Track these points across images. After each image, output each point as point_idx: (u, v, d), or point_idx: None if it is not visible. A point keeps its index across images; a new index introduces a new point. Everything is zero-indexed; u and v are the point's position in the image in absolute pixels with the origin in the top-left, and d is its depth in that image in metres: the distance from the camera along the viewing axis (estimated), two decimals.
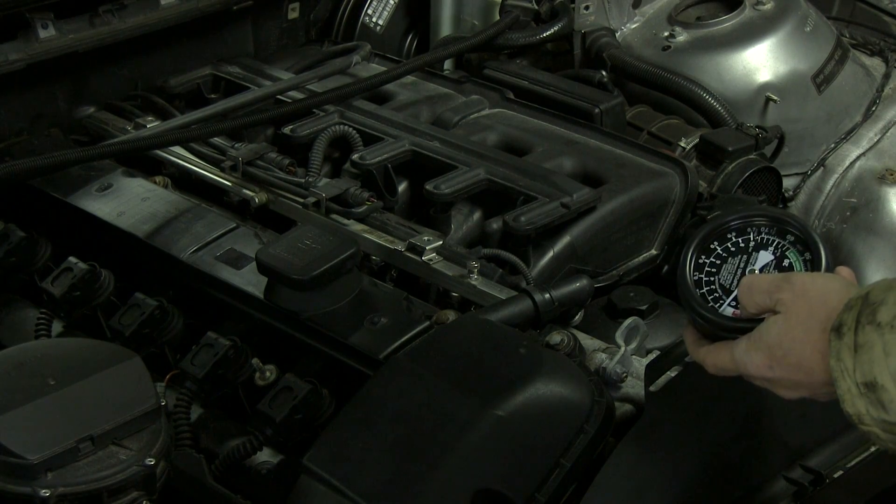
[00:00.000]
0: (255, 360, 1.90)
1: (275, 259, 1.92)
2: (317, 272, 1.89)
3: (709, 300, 1.47)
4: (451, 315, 1.91)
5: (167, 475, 1.59)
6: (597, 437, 1.61)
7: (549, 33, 2.86)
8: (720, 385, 1.56)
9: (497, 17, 2.92)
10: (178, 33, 2.75)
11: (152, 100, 2.66)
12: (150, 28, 2.65)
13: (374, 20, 3.11)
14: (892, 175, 2.81)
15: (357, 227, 2.20)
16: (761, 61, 2.82)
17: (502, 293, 1.99)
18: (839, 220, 2.82)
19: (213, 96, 2.74)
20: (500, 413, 1.58)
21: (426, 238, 2.13)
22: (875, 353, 1.28)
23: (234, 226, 2.17)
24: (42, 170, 2.20)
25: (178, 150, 2.44)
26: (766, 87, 2.81)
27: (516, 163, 2.34)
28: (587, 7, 2.89)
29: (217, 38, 2.87)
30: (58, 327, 2.07)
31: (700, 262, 1.48)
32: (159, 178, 2.37)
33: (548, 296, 1.91)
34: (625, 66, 2.81)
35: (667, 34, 2.87)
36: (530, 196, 2.22)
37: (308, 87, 2.65)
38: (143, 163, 2.43)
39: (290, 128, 2.45)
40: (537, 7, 2.89)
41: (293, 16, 3.04)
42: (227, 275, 2.05)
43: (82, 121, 2.61)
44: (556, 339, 1.83)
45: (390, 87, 2.67)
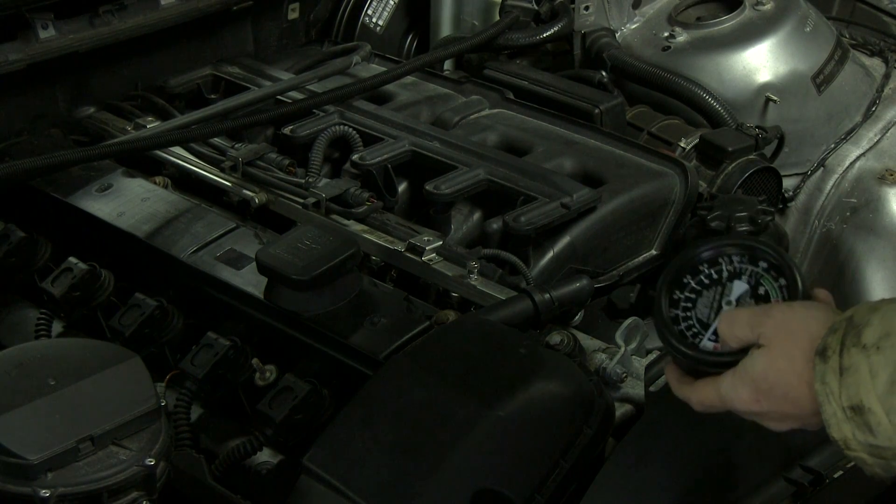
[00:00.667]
0: (255, 360, 1.90)
1: (275, 259, 1.92)
2: (317, 272, 1.89)
3: (687, 336, 1.43)
4: (451, 315, 1.91)
5: (167, 475, 1.59)
6: (597, 437, 1.61)
7: (549, 33, 2.86)
8: None
9: (497, 17, 2.91)
10: (178, 33, 2.75)
11: (152, 100, 2.66)
12: (150, 28, 2.65)
13: (374, 20, 3.11)
14: (892, 175, 2.82)
15: (357, 228, 2.20)
16: (761, 61, 2.82)
17: (502, 293, 1.99)
18: (839, 220, 2.82)
19: (213, 96, 2.74)
20: (500, 413, 1.58)
21: (426, 238, 2.13)
22: (861, 375, 1.26)
23: (234, 226, 2.17)
24: (42, 170, 2.20)
25: (178, 150, 2.44)
26: (766, 88, 2.81)
27: (516, 163, 2.34)
28: (587, 7, 2.89)
29: (217, 38, 2.87)
30: (58, 327, 2.08)
31: (675, 297, 1.44)
32: (159, 179, 2.37)
33: (548, 296, 1.91)
34: (625, 66, 2.81)
35: (667, 34, 2.87)
36: (530, 196, 2.22)
37: (308, 87, 2.65)
38: (143, 163, 2.43)
39: (290, 128, 2.45)
40: (537, 7, 2.89)
41: (293, 16, 3.04)
42: (227, 275, 2.05)
43: (82, 121, 2.61)
44: (556, 339, 1.83)
45: (390, 87, 2.67)
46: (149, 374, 1.65)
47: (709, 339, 1.42)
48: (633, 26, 2.98)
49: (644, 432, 1.66)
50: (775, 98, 2.79)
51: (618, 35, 2.93)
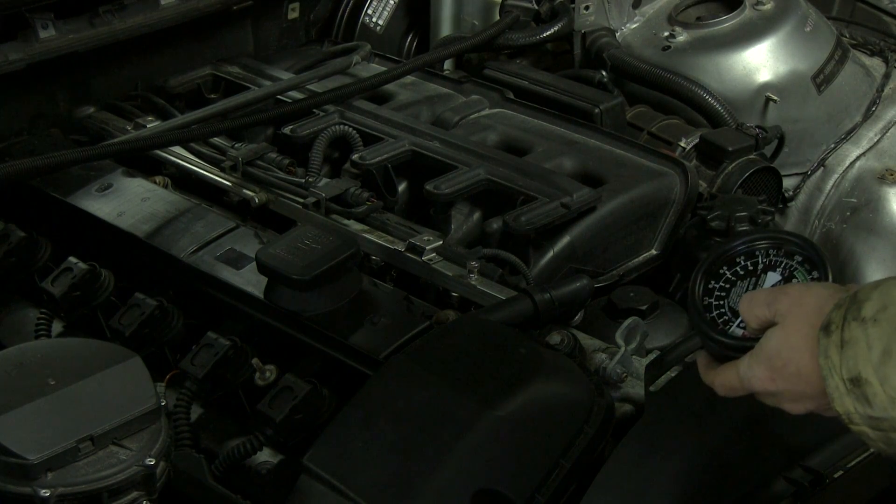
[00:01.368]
0: (255, 360, 1.90)
1: (275, 259, 1.92)
2: (317, 272, 1.89)
3: (718, 323, 1.47)
4: (451, 315, 1.91)
5: (167, 475, 1.60)
6: (597, 437, 1.61)
7: (549, 33, 2.86)
8: None
9: (497, 17, 2.91)
10: (178, 33, 2.75)
11: (152, 100, 2.66)
12: (150, 28, 2.65)
13: (374, 20, 3.11)
14: (892, 175, 2.81)
15: (357, 227, 2.20)
16: (761, 61, 2.82)
17: (502, 293, 1.99)
18: (839, 220, 2.82)
19: (213, 96, 2.74)
20: (500, 413, 1.58)
21: (426, 238, 2.13)
22: (859, 348, 1.28)
23: (234, 226, 2.17)
24: (42, 170, 2.20)
25: (178, 150, 2.44)
26: (766, 87, 2.81)
27: (516, 163, 2.34)
28: (587, 7, 2.89)
29: (217, 38, 2.87)
30: (58, 327, 2.08)
31: (710, 286, 1.49)
32: (159, 178, 2.37)
33: (548, 296, 1.91)
34: (625, 66, 2.81)
35: (667, 34, 2.87)
36: (530, 196, 2.22)
37: (308, 87, 2.65)
38: (143, 163, 2.43)
39: (290, 128, 2.45)
40: (537, 7, 2.89)
41: (293, 16, 3.04)
42: (227, 275, 2.05)
43: (82, 121, 2.61)
44: (556, 339, 1.83)
45: (390, 87, 2.67)
46: (149, 374, 1.65)
47: (738, 326, 1.46)
48: (633, 26, 2.98)
49: (644, 432, 1.66)
50: (775, 98, 2.79)
51: (618, 35, 2.93)
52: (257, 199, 2.29)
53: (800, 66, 2.85)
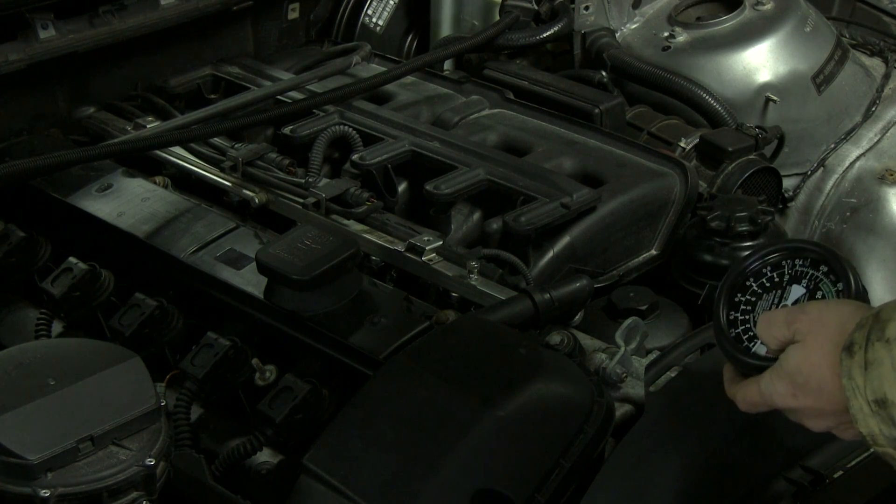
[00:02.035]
0: (255, 360, 1.90)
1: (275, 259, 1.92)
2: (317, 272, 1.89)
3: (743, 339, 1.47)
4: (451, 315, 1.91)
5: (167, 475, 1.60)
6: (597, 437, 1.61)
7: (549, 33, 2.86)
8: (720, 385, 1.56)
9: (497, 17, 2.91)
10: (178, 33, 2.75)
11: (152, 100, 2.66)
12: (150, 28, 2.65)
13: (374, 20, 3.11)
14: (892, 175, 2.81)
15: (357, 228, 2.20)
16: (761, 61, 2.82)
17: (502, 293, 1.99)
18: (839, 220, 2.82)
19: (213, 96, 2.74)
20: (500, 413, 1.58)
21: (426, 238, 2.13)
22: (884, 369, 1.27)
23: (234, 226, 2.17)
24: (42, 170, 2.20)
25: (178, 150, 2.44)
26: (766, 88, 2.81)
27: (516, 163, 2.34)
28: (587, 7, 2.89)
29: (217, 38, 2.87)
30: (58, 327, 2.08)
31: (735, 300, 1.48)
32: (159, 179, 2.37)
33: (548, 296, 1.91)
34: (625, 66, 2.81)
35: (667, 34, 2.87)
36: (530, 196, 2.22)
37: (308, 87, 2.65)
38: (143, 163, 2.43)
39: (290, 128, 2.45)
40: (537, 7, 2.89)
41: (293, 16, 3.04)
42: (227, 275, 2.05)
43: (82, 121, 2.61)
44: (556, 339, 1.83)
45: (390, 87, 2.67)
46: (149, 374, 1.65)
47: (762, 343, 1.44)
48: (633, 26, 2.98)
49: (644, 432, 1.66)
50: (775, 98, 2.79)
51: (618, 35, 2.93)
52: (257, 200, 2.29)
53: (800, 67, 2.85)
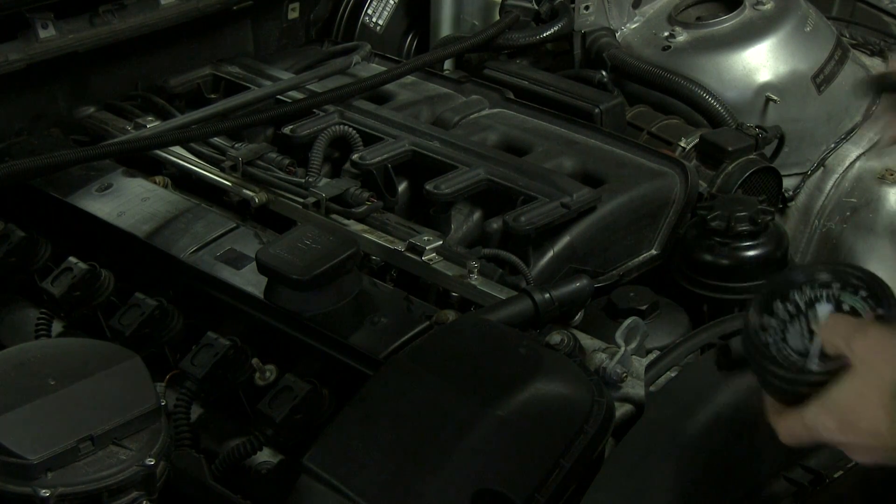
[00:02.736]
0: (255, 360, 1.90)
1: (275, 259, 1.92)
2: (317, 272, 1.89)
3: (770, 348, 1.37)
4: (451, 315, 1.91)
5: (167, 475, 1.60)
6: (597, 437, 1.61)
7: (549, 33, 2.86)
8: (720, 385, 1.56)
9: (497, 17, 2.92)
10: (178, 33, 2.75)
11: (152, 100, 2.66)
12: (150, 28, 2.65)
13: (374, 20, 3.11)
14: (892, 175, 2.81)
15: (357, 227, 2.20)
16: (761, 61, 2.82)
17: (502, 293, 1.99)
18: (839, 220, 2.82)
19: (213, 96, 2.74)
20: (500, 413, 1.58)
21: (426, 238, 2.13)
22: None
23: (234, 226, 2.17)
24: (42, 170, 2.20)
25: (178, 150, 2.44)
26: (766, 87, 2.81)
27: (516, 163, 2.34)
28: (587, 7, 2.89)
29: (217, 38, 2.87)
30: (58, 327, 2.08)
31: (772, 307, 1.39)
32: (159, 178, 2.37)
33: (548, 296, 1.91)
34: (625, 66, 2.81)
35: (667, 34, 2.87)
36: (530, 196, 2.22)
37: (308, 87, 2.65)
38: (143, 163, 2.43)
39: (290, 128, 2.45)
40: (537, 7, 2.89)
41: (293, 16, 3.04)
42: (227, 275, 2.05)
43: (82, 121, 2.61)
44: (556, 339, 1.83)
45: (390, 87, 2.67)
46: (149, 374, 1.65)
47: (809, 356, 1.35)
48: (633, 26, 2.98)
49: (644, 432, 1.66)
50: (775, 98, 2.79)
51: (618, 35, 2.93)
52: (257, 199, 2.29)
53: (800, 66, 2.85)
